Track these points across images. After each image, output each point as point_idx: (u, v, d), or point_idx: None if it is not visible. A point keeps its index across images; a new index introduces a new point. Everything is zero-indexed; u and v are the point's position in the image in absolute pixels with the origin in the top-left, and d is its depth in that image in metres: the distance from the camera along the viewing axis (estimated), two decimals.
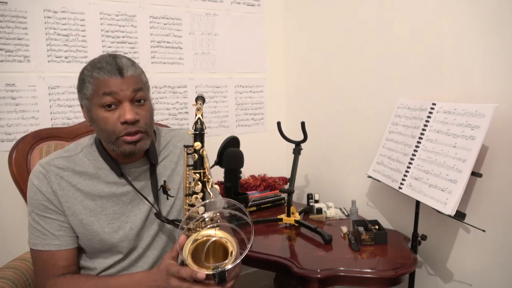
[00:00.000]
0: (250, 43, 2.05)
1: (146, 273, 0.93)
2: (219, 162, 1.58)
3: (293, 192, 1.53)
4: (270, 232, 1.49)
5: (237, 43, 2.00)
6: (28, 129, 1.53)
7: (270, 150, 2.10)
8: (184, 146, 0.95)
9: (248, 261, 1.31)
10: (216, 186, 0.93)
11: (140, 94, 0.94)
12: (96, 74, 0.91)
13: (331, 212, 1.62)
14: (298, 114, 2.05)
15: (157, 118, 1.82)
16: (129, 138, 0.93)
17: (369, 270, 1.15)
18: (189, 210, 0.90)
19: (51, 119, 1.60)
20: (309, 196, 1.69)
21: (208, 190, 0.91)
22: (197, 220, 0.87)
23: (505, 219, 1.14)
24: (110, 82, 0.90)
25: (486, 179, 1.15)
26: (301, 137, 1.54)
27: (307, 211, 1.66)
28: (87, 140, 1.05)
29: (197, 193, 0.90)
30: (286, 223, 1.53)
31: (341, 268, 1.16)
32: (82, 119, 1.59)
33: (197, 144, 0.91)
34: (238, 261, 0.80)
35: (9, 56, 1.51)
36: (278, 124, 1.62)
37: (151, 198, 1.04)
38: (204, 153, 0.91)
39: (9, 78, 1.52)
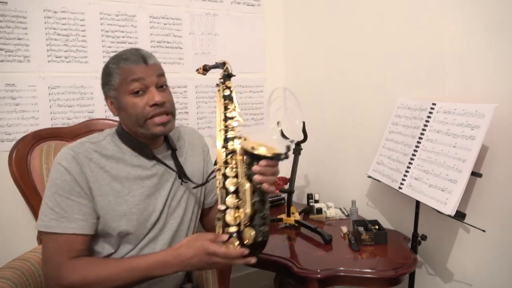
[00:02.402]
0: (250, 43, 2.05)
1: (172, 253, 0.94)
2: None
3: (293, 192, 1.54)
4: (270, 232, 1.49)
5: (237, 43, 2.00)
6: (28, 129, 1.53)
7: None
8: (217, 84, 1.08)
9: None
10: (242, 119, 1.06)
11: (163, 80, 1.05)
12: (122, 64, 1.00)
13: (331, 212, 1.62)
14: None
15: None
16: (158, 120, 1.01)
17: (369, 270, 1.15)
18: (226, 130, 1.03)
19: (51, 119, 1.60)
20: (309, 196, 1.69)
21: (240, 119, 1.06)
22: (235, 138, 1.02)
23: (505, 219, 1.14)
24: (137, 70, 0.99)
25: (486, 179, 1.15)
26: (301, 137, 1.54)
27: (307, 211, 1.66)
28: (108, 131, 1.10)
29: (232, 118, 1.04)
30: (286, 223, 1.53)
31: (341, 268, 1.16)
32: (82, 119, 1.60)
33: (229, 82, 1.08)
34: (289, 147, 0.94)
35: (9, 56, 1.51)
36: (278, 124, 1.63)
37: (172, 179, 1.11)
38: (233, 90, 1.08)
39: (9, 78, 1.51)
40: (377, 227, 1.39)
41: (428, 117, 1.28)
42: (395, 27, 1.47)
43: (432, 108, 1.28)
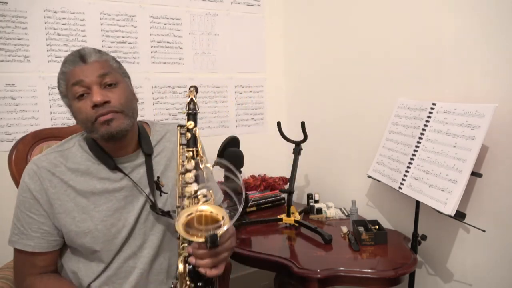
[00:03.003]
0: (250, 43, 2.05)
1: None
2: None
3: (293, 192, 1.53)
4: (270, 232, 1.49)
5: (237, 43, 2.00)
6: (28, 129, 1.53)
7: (270, 150, 2.10)
8: (178, 125, 0.96)
9: (248, 261, 1.31)
10: (209, 165, 0.90)
11: (108, 78, 0.92)
12: (63, 69, 0.93)
13: (331, 212, 1.62)
14: (298, 114, 2.05)
15: (157, 118, 1.83)
16: (101, 118, 0.90)
17: (369, 270, 1.15)
18: (183, 186, 0.87)
19: (51, 119, 1.60)
20: (309, 196, 1.69)
21: (202, 168, 0.88)
22: (190, 197, 0.85)
23: (505, 219, 1.14)
24: (76, 72, 0.91)
25: (486, 179, 1.15)
26: (301, 137, 1.54)
27: (307, 211, 1.66)
28: (80, 135, 1.03)
29: (189, 171, 0.87)
30: (286, 223, 1.53)
31: (341, 268, 1.16)
32: None
33: (190, 123, 0.90)
34: (228, 226, 0.77)
35: (9, 56, 1.51)
36: (278, 124, 1.63)
37: (146, 191, 1.01)
38: (197, 132, 0.90)
39: (9, 78, 1.52)
40: (377, 227, 1.39)
41: (428, 117, 1.28)
42: (395, 27, 1.47)
43: (432, 108, 1.28)
